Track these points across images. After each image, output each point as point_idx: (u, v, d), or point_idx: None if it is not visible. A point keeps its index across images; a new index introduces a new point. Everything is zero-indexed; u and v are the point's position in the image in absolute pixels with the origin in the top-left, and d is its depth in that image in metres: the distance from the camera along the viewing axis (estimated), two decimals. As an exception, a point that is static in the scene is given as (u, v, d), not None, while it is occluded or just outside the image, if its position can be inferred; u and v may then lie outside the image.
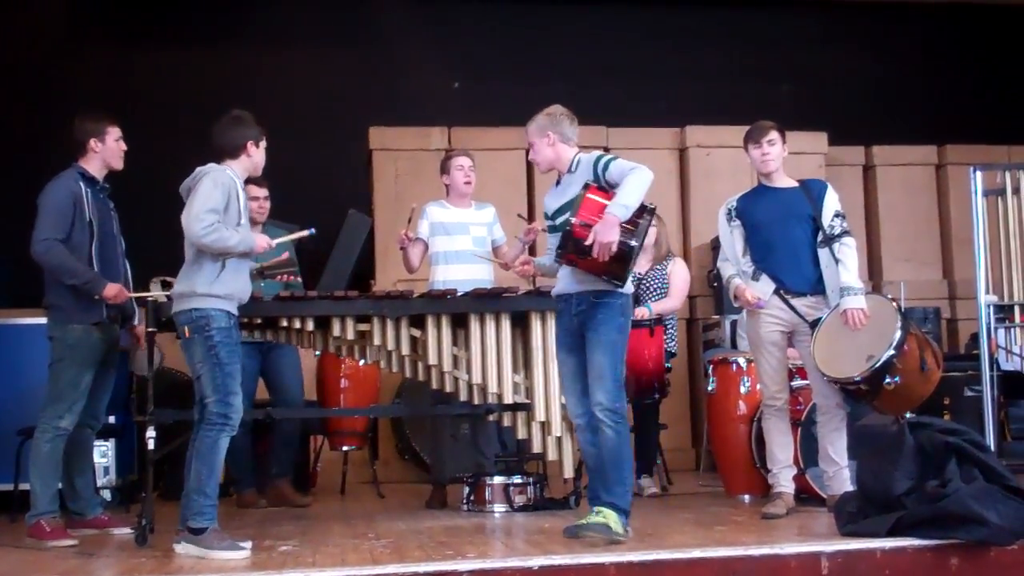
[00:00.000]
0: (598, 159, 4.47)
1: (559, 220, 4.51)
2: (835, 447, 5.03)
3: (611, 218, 4.20)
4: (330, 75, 8.83)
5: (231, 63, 8.70)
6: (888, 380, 4.73)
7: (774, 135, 5.16)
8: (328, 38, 8.93)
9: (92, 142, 5.01)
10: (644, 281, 6.26)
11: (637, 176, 4.30)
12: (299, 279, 6.08)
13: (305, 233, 5.10)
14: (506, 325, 5.23)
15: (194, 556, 4.19)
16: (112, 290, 4.84)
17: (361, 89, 8.78)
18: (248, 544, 4.31)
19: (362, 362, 6.14)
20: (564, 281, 4.54)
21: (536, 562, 3.75)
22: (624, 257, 4.25)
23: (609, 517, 4.21)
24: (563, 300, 4.54)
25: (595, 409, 4.37)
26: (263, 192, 6.09)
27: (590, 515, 4.26)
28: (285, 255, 5.33)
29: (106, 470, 6.11)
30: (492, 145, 7.67)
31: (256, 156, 4.53)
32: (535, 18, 9.14)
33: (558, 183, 4.65)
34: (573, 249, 4.28)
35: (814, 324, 5.00)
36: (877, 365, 4.71)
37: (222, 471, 4.42)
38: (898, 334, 4.75)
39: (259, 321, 4.99)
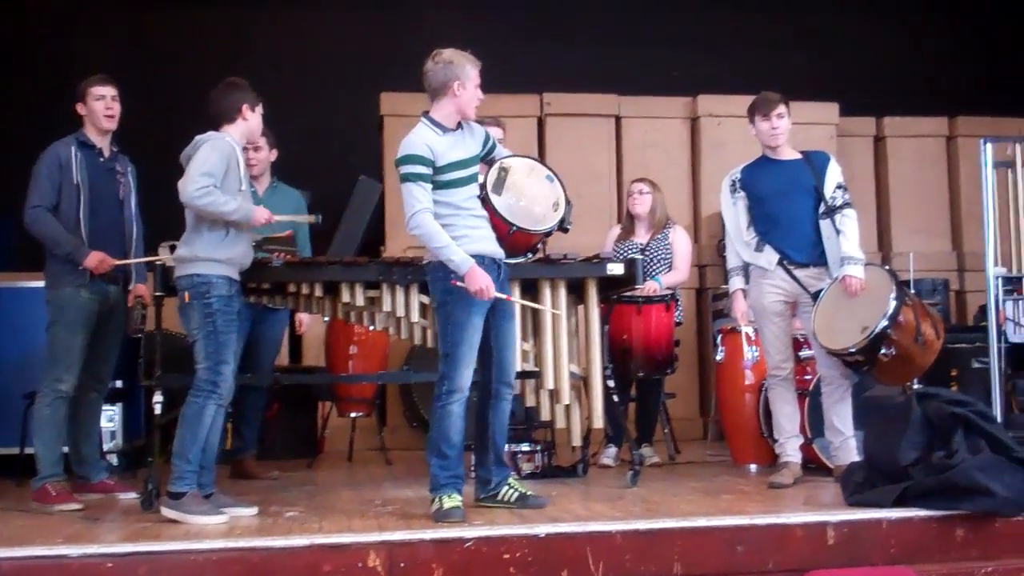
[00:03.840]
0: (488, 137, 4.65)
1: (453, 175, 4.45)
2: (840, 417, 5.03)
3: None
4: (342, 39, 8.77)
5: (244, 26, 8.67)
6: (884, 351, 4.72)
7: (783, 108, 5.15)
8: (341, 1, 8.86)
9: (79, 105, 5.02)
10: (649, 251, 6.09)
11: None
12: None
13: (311, 218, 5.04)
14: (515, 293, 5.20)
15: (173, 520, 4.17)
16: (93, 260, 4.83)
17: (373, 54, 8.70)
18: (253, 510, 4.35)
19: (371, 328, 6.10)
20: (493, 243, 4.49)
21: (543, 530, 3.77)
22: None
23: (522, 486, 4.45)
24: (490, 262, 4.43)
25: (510, 380, 4.50)
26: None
27: (509, 491, 4.42)
28: (288, 232, 5.18)
29: (113, 435, 6.12)
30: (504, 112, 7.55)
31: (252, 120, 4.55)
32: (546, -15, 9.07)
33: (448, 131, 4.59)
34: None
35: (816, 295, 5.01)
36: (871, 336, 4.71)
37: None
38: (892, 304, 4.73)
39: (267, 286, 4.97)
